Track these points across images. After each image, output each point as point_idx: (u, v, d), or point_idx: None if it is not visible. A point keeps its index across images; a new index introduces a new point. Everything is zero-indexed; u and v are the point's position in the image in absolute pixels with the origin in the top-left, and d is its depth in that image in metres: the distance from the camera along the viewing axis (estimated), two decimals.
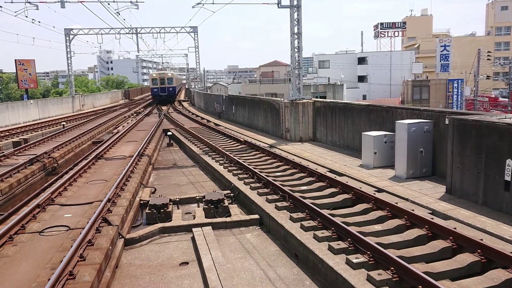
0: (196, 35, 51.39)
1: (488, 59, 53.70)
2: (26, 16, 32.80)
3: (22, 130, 28.27)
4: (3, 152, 18.17)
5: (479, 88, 52.07)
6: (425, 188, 10.34)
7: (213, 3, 23.65)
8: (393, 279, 5.89)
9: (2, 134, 24.69)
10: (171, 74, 55.94)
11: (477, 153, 9.03)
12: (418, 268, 5.91)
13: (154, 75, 56.17)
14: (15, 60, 45.61)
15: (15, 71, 48.47)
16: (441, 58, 61.48)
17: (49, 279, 5.98)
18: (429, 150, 11.40)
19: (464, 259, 6.40)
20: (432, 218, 7.82)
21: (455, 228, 7.23)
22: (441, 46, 61.57)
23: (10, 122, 31.49)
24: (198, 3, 23.88)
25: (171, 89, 54.56)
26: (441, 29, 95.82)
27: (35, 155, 16.87)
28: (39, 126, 30.87)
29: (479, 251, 6.43)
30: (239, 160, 13.97)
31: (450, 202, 9.14)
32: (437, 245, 6.93)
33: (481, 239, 6.74)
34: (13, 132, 26.87)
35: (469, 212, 8.47)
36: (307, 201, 9.13)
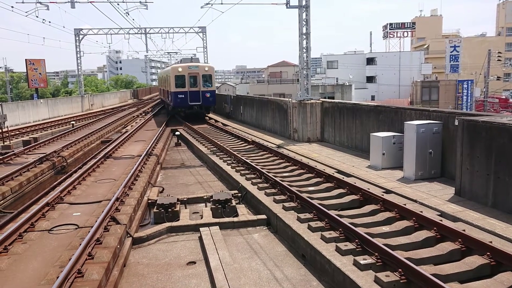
0: (204, 35, 51.48)
1: (498, 60, 53.23)
2: (37, 16, 33.13)
3: (32, 129, 28.57)
4: (13, 151, 18.35)
5: (489, 89, 51.61)
6: (434, 189, 10.26)
7: (221, 3, 23.68)
8: (401, 281, 5.86)
9: (13, 133, 24.94)
10: (208, 69, 30.19)
11: (486, 154, 8.95)
12: (426, 270, 5.87)
13: (180, 69, 29.65)
14: (26, 59, 46.12)
15: (25, 71, 48.96)
16: (451, 59, 61.03)
17: (58, 277, 6.03)
18: (438, 152, 11.31)
19: (473, 261, 6.34)
20: (441, 220, 7.76)
21: (464, 230, 7.17)
22: (450, 46, 61.14)
23: (20, 121, 31.83)
24: (207, 4, 23.94)
25: (208, 95, 29.68)
26: (451, 29, 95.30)
27: (44, 154, 17.03)
28: (48, 125, 31.16)
29: (488, 253, 6.37)
30: (246, 160, 13.98)
31: (459, 204, 9.07)
32: (446, 247, 6.88)
33: (491, 242, 6.68)
34: (23, 131, 27.16)
35: (478, 214, 8.39)
36: (315, 202, 9.11)
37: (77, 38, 47.53)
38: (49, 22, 35.19)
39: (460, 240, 6.90)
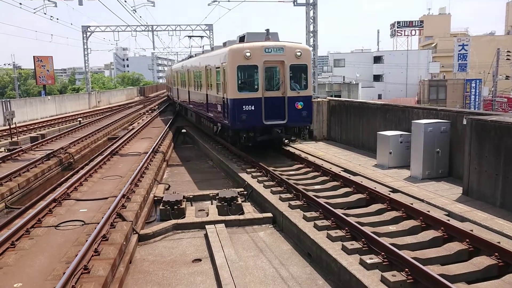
0: (211, 33, 51.47)
1: (507, 59, 52.74)
2: (45, 13, 33.27)
3: (40, 125, 28.75)
4: (21, 147, 18.48)
5: (497, 88, 51.16)
6: (441, 189, 10.19)
7: (228, 1, 23.65)
8: (408, 281, 5.82)
9: (21, 129, 25.12)
10: (302, 53, 14.36)
11: (495, 154, 8.86)
12: (433, 270, 5.83)
13: (249, 53, 13.63)
14: (34, 56, 46.42)
15: (33, 68, 49.28)
16: (459, 58, 60.55)
17: (64, 273, 6.06)
18: (446, 151, 11.22)
19: (481, 262, 6.29)
20: (448, 220, 7.71)
21: (471, 231, 7.12)
22: (459, 45, 60.64)
23: (28, 117, 32.04)
24: (214, 1, 23.91)
25: (300, 105, 14.31)
26: (459, 28, 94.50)
27: (52, 150, 17.12)
28: (56, 121, 31.35)
29: (496, 254, 6.32)
30: (252, 158, 13.94)
31: (467, 203, 8.99)
32: (453, 247, 6.83)
33: (499, 242, 6.62)
34: (31, 127, 27.35)
35: (486, 214, 8.32)
36: (321, 200, 9.07)
37: (84, 35, 47.71)
38: (57, 19, 35.23)
39: (467, 240, 6.84)
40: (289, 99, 14.14)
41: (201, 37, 37.28)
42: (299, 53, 14.18)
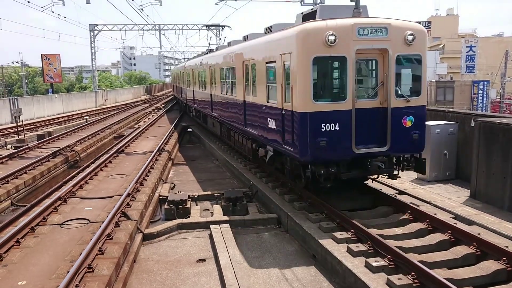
0: (218, 33, 51.45)
1: None
2: (53, 12, 33.47)
3: (47, 123, 28.91)
4: (27, 145, 18.57)
5: (505, 90, 50.74)
6: (448, 191, 10.09)
7: (236, 0, 23.61)
8: (414, 285, 5.75)
9: (28, 127, 25.25)
10: (413, 37, 8.42)
11: (504, 157, 8.75)
12: (440, 274, 5.75)
13: (332, 36, 7.94)
14: (41, 54, 46.61)
15: (41, 66, 49.53)
16: (467, 59, 60.10)
17: (68, 271, 6.06)
18: (453, 153, 11.11)
19: (489, 266, 6.20)
20: (455, 223, 7.63)
21: (479, 234, 7.03)
22: (467, 46, 60.19)
23: (35, 115, 32.22)
24: (221, 0, 23.88)
25: (409, 121, 8.60)
26: (467, 29, 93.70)
27: (58, 148, 17.20)
28: (63, 119, 31.49)
29: (504, 258, 6.22)
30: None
31: (474, 207, 8.90)
32: (460, 251, 6.75)
33: (507, 246, 6.53)
34: (38, 125, 27.49)
35: (494, 217, 8.22)
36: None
37: (92, 33, 47.96)
38: (65, 17, 35.36)
39: (475, 244, 6.75)
40: (394, 112, 8.62)
41: (222, 26, 30.98)
42: (411, 37, 8.62)
